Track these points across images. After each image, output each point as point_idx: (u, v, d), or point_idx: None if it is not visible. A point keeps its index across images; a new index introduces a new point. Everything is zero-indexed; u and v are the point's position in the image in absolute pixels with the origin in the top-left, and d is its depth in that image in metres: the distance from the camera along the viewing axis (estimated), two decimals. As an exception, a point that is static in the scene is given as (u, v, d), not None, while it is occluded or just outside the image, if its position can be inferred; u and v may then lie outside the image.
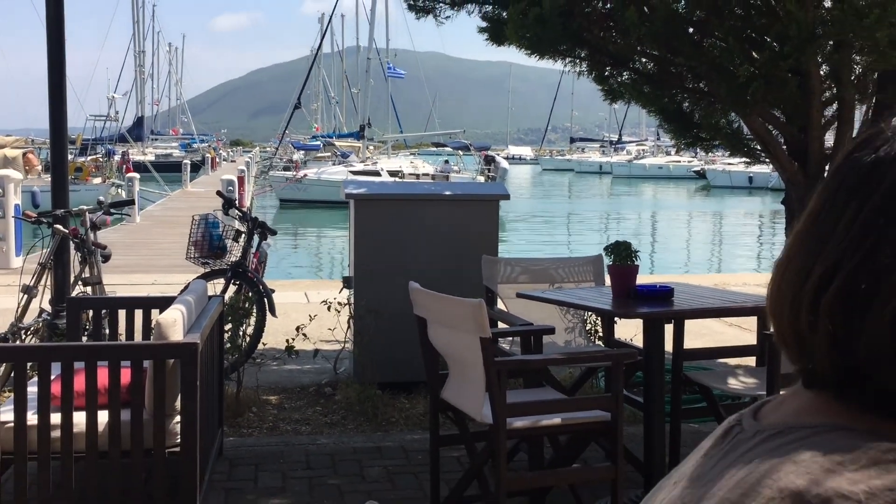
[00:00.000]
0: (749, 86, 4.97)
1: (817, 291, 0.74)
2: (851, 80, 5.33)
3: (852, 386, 0.74)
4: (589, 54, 5.77)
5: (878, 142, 0.77)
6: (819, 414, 0.75)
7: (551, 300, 4.13)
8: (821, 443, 0.71)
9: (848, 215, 0.74)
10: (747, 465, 0.73)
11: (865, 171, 0.75)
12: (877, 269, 0.70)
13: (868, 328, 0.70)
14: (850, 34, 4.87)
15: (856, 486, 0.65)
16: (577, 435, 3.57)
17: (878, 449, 0.68)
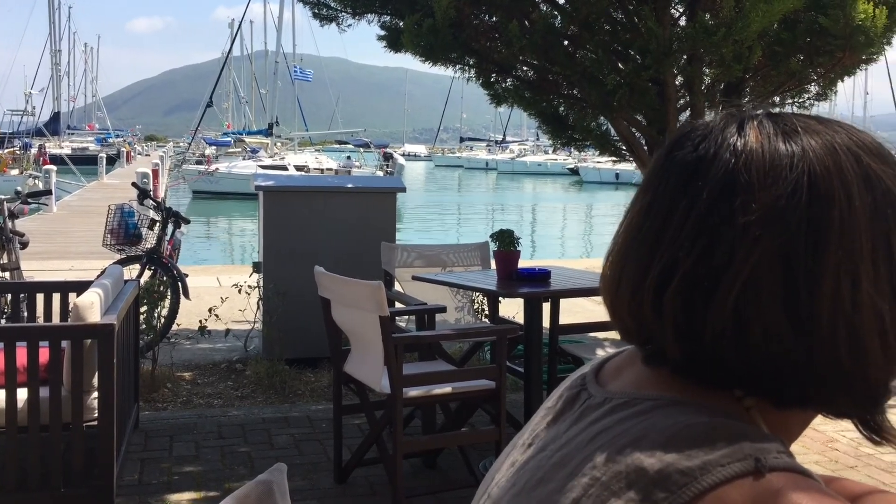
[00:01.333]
0: (615, 93, 5.09)
1: (659, 287, 0.72)
2: (702, 89, 5.52)
3: (691, 365, 0.73)
4: (476, 62, 5.80)
5: (697, 139, 0.74)
6: (659, 386, 0.75)
7: (443, 282, 4.15)
8: (661, 417, 0.70)
9: (679, 214, 0.72)
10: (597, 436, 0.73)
11: (689, 169, 0.73)
12: (714, 265, 0.69)
13: (711, 320, 0.69)
14: (701, 49, 5.03)
15: (690, 461, 0.65)
16: (466, 402, 3.60)
17: (712, 425, 0.68)
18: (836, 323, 0.68)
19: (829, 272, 0.68)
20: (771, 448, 0.67)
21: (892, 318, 0.70)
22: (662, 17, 5.10)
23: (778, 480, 0.63)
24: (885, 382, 0.72)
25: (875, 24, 4.65)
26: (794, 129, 0.73)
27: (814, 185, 0.69)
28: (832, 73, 5.30)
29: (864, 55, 5.03)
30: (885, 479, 3.69)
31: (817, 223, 0.68)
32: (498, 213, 31.38)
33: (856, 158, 0.71)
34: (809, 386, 0.71)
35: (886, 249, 0.70)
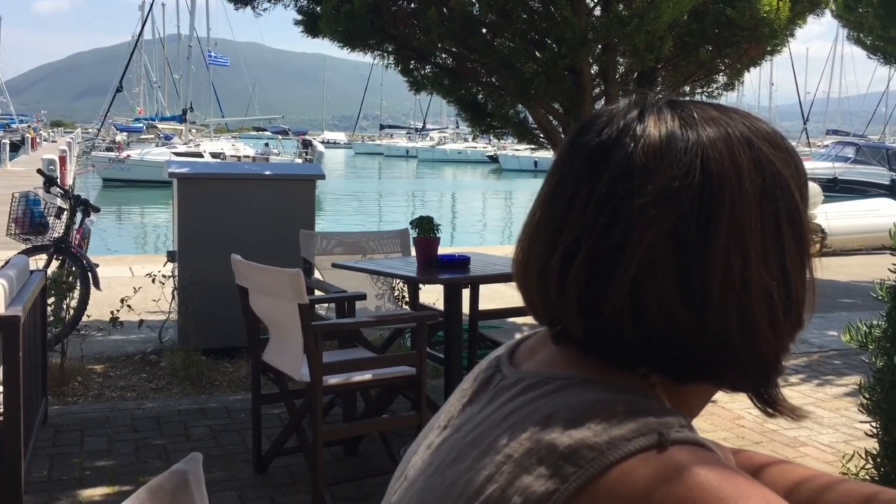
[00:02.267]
0: (533, 81, 5.14)
1: (563, 266, 0.74)
2: (616, 78, 5.63)
3: (596, 343, 0.75)
4: (395, 49, 5.78)
5: (600, 125, 0.77)
6: (568, 366, 0.77)
7: (363, 269, 4.14)
8: (571, 395, 0.72)
9: (582, 196, 0.74)
10: (509, 416, 0.74)
11: (592, 153, 0.75)
12: (613, 244, 0.71)
13: (611, 297, 0.72)
14: (615, 39, 5.13)
15: (598, 437, 0.67)
16: (387, 388, 3.61)
17: (618, 401, 0.70)
18: (727, 299, 0.71)
19: (719, 250, 0.71)
20: (673, 422, 0.69)
21: (779, 295, 0.73)
22: (577, 6, 5.18)
23: (679, 453, 0.66)
24: (774, 356, 0.76)
25: (779, 17, 4.83)
26: (691, 116, 0.75)
27: (706, 168, 0.72)
28: (739, 63, 5.48)
29: (768, 46, 5.22)
30: (788, 452, 3.86)
31: (709, 204, 0.71)
32: (419, 200, 31.39)
33: (748, 143, 0.74)
34: (704, 360, 0.74)
35: (775, 229, 0.73)
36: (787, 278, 0.74)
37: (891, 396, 3.29)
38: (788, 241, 0.74)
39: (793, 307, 0.75)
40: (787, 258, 0.74)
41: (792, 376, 5.14)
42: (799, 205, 0.76)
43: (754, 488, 0.67)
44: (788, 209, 0.75)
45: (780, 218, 0.74)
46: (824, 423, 4.27)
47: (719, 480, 0.65)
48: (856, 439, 3.82)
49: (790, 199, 0.75)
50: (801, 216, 0.76)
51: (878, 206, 11.47)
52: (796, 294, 0.75)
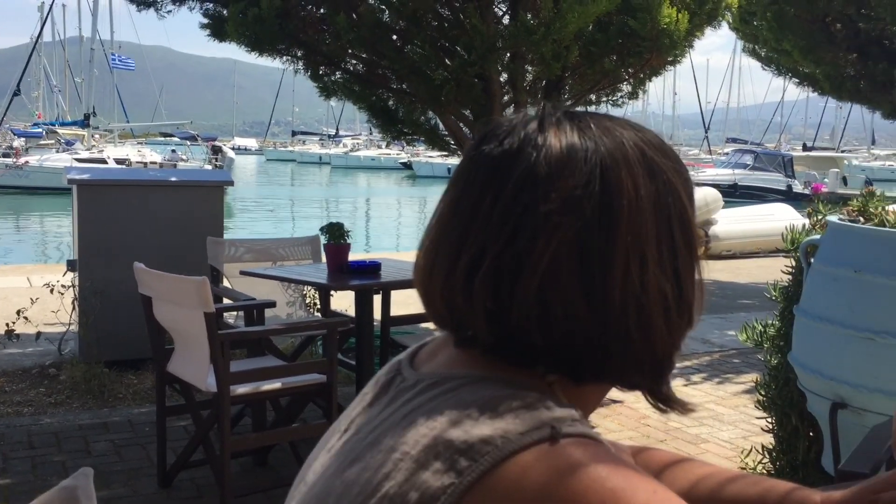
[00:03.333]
0: (443, 88, 5.18)
1: (469, 273, 0.75)
2: (524, 86, 5.72)
3: (502, 347, 0.77)
4: (305, 54, 5.72)
5: (502, 135, 0.78)
6: (468, 365, 0.78)
7: (272, 276, 4.08)
8: (469, 393, 0.74)
9: (486, 205, 0.75)
10: (408, 415, 0.75)
11: (495, 163, 0.77)
12: (519, 251, 0.73)
13: (518, 302, 0.74)
14: (523, 47, 5.22)
15: (495, 431, 0.69)
16: (297, 397, 3.56)
17: (514, 397, 0.72)
18: (627, 302, 0.74)
19: (619, 255, 0.74)
20: (566, 417, 0.72)
21: (674, 297, 0.76)
22: (486, 15, 5.24)
23: (571, 446, 0.69)
24: (668, 355, 0.79)
25: (678, 28, 5.01)
26: (588, 126, 0.78)
27: (606, 177, 0.75)
28: (642, 73, 5.65)
29: (669, 56, 5.40)
30: (691, 449, 3.99)
31: (609, 210, 0.74)
32: (333, 207, 31.15)
33: (641, 152, 0.77)
34: (604, 360, 0.76)
35: (668, 234, 0.76)
36: (679, 280, 0.77)
37: (784, 393, 3.44)
38: (680, 245, 0.77)
39: (685, 307, 0.78)
40: (680, 261, 0.77)
41: (694, 375, 5.31)
42: (688, 210, 0.79)
43: (642, 480, 0.69)
44: (679, 215, 0.78)
45: (673, 223, 0.77)
46: (724, 420, 4.42)
47: (608, 472, 0.67)
48: (753, 435, 3.98)
49: (681, 206, 0.78)
50: (690, 221, 0.79)
51: (773, 210, 11.97)
52: (687, 295, 0.78)
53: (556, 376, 0.78)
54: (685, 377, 5.25)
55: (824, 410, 3.03)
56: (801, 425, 3.36)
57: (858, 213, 3.35)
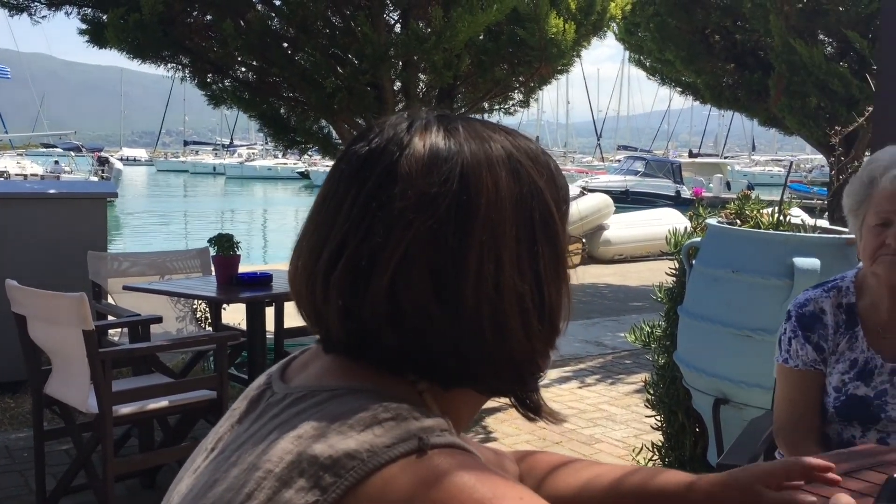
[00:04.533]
0: (335, 96, 5.14)
1: (328, 269, 0.75)
2: (418, 94, 5.74)
3: (362, 349, 0.76)
4: (191, 61, 5.57)
5: (372, 134, 0.79)
6: (338, 376, 0.77)
7: (157, 291, 3.94)
8: (336, 406, 0.73)
9: (349, 201, 0.76)
10: (273, 431, 0.73)
11: (361, 160, 0.78)
12: (373, 247, 0.73)
13: (370, 299, 0.73)
14: (415, 56, 5.24)
15: (361, 445, 0.68)
16: (187, 415, 3.45)
17: (382, 409, 0.71)
18: (480, 302, 0.74)
19: (473, 254, 0.74)
20: (434, 427, 0.71)
21: (533, 301, 0.77)
22: (377, 23, 5.24)
23: (438, 457, 0.68)
24: (529, 361, 0.79)
25: (565, 38, 5.13)
26: (456, 129, 0.79)
27: (465, 176, 0.75)
28: (532, 81, 5.76)
29: (558, 65, 5.53)
30: (585, 450, 4.08)
31: (465, 209, 0.74)
32: (228, 218, 30.44)
33: (507, 156, 0.78)
34: (459, 363, 0.76)
35: (530, 238, 0.77)
36: (540, 285, 0.77)
37: (671, 391, 3.56)
38: (543, 249, 0.78)
39: (546, 313, 0.78)
40: (541, 266, 0.77)
41: (588, 377, 5.44)
42: (555, 217, 0.80)
43: (509, 487, 0.69)
44: (544, 220, 0.78)
45: (536, 227, 0.77)
46: (617, 420, 4.54)
47: (475, 482, 0.67)
48: (644, 433, 4.10)
49: (546, 211, 0.79)
50: (556, 227, 0.80)
51: (661, 215, 12.42)
52: (550, 301, 0.79)
53: (426, 385, 0.77)
54: (580, 379, 5.36)
55: (708, 406, 3.15)
56: (688, 422, 3.48)
57: (735, 216, 3.51)
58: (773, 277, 2.96)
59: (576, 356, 6.00)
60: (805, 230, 3.27)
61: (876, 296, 1.79)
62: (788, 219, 3.42)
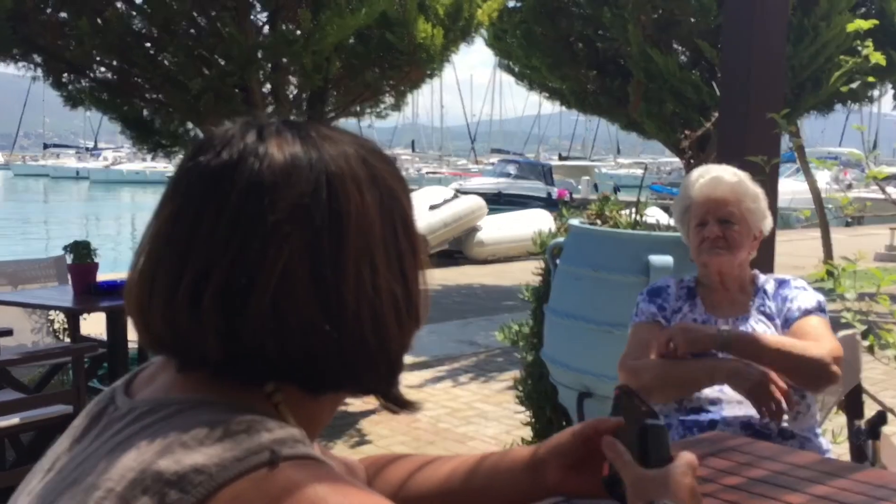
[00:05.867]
0: (201, 98, 4.98)
1: (195, 293, 0.72)
2: (288, 97, 5.65)
3: (234, 367, 0.73)
4: (45, 60, 5.27)
5: (218, 146, 0.75)
6: (187, 389, 0.74)
7: (7, 302, 3.70)
8: (184, 419, 0.70)
9: (209, 218, 0.72)
10: (116, 448, 0.70)
11: (215, 174, 0.74)
12: (249, 264, 0.71)
13: (251, 318, 0.71)
14: (283, 58, 5.16)
15: (208, 459, 0.66)
16: (42, 432, 3.25)
17: (232, 422, 0.69)
18: (361, 306, 0.74)
19: (351, 261, 0.74)
20: (287, 438, 0.70)
21: (403, 298, 0.78)
22: (244, 24, 5.11)
23: (290, 469, 0.67)
24: (401, 355, 0.80)
25: (434, 43, 5.17)
26: (309, 136, 0.77)
27: (332, 184, 0.74)
28: (402, 85, 5.77)
29: (428, 70, 5.57)
30: (459, 449, 4.11)
31: (338, 217, 0.74)
32: (92, 224, 29.02)
33: (363, 160, 0.78)
34: (342, 368, 0.75)
35: (394, 238, 0.78)
36: (407, 282, 0.79)
37: (539, 387, 3.64)
38: (405, 248, 0.79)
39: (413, 308, 0.80)
40: (406, 264, 0.79)
41: (461, 376, 5.49)
42: (410, 215, 0.81)
43: (363, 496, 0.69)
44: (403, 220, 0.79)
45: (398, 227, 0.78)
46: (489, 417, 4.61)
47: (328, 492, 0.66)
48: (515, 429, 4.17)
49: (403, 211, 0.80)
50: (412, 226, 0.81)
51: (532, 216, 12.74)
52: (415, 296, 0.80)
53: (284, 394, 0.76)
54: (453, 379, 5.41)
55: (573, 401, 3.24)
56: (555, 417, 3.57)
57: (596, 217, 3.63)
58: (631, 275, 3.08)
59: (450, 356, 6.05)
60: (659, 229, 3.42)
61: (708, 281, 2.15)
62: (645, 219, 3.57)
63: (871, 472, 1.51)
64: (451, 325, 7.14)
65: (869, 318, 3.06)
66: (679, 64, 7.21)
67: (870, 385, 4.41)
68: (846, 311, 2.93)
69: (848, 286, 2.94)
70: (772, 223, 2.22)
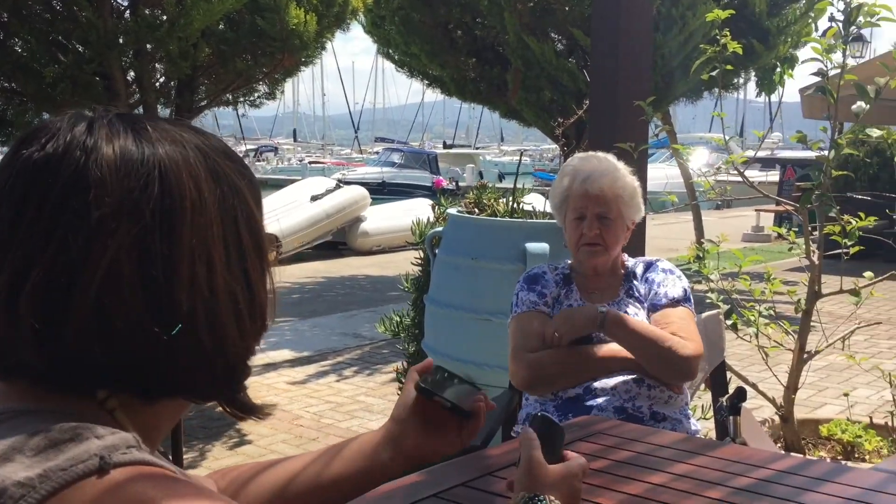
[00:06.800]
0: (57, 86, 4.72)
1: (11, 293, 0.68)
2: (154, 85, 5.43)
3: (57, 373, 0.70)
4: None
5: (44, 138, 0.73)
6: (12, 398, 0.71)
7: None
8: (5, 431, 0.66)
9: (29, 213, 0.69)
10: None
11: (39, 167, 0.71)
12: (70, 262, 0.68)
13: (73, 319, 0.68)
14: (147, 44, 4.94)
15: (31, 470, 0.63)
16: None
17: (57, 430, 0.66)
18: (196, 307, 0.71)
19: (184, 259, 0.71)
20: (119, 444, 0.67)
21: (245, 300, 0.76)
22: (102, 8, 4.86)
23: (122, 475, 0.64)
24: (242, 360, 0.78)
25: (307, 29, 5.08)
26: (145, 129, 0.75)
27: (165, 179, 0.72)
28: (276, 73, 5.64)
29: (301, 57, 5.47)
30: (343, 443, 4.08)
31: (170, 213, 0.71)
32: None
33: (204, 155, 0.76)
34: (176, 373, 0.73)
35: (236, 237, 0.76)
36: (250, 283, 0.77)
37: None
38: (248, 247, 0.77)
39: (257, 311, 0.78)
40: (249, 264, 0.77)
41: (346, 370, 5.46)
42: (255, 214, 0.79)
43: (200, 498, 0.66)
44: (247, 218, 0.77)
45: (240, 226, 0.76)
46: (374, 411, 4.59)
47: (163, 495, 0.64)
48: (400, 421, 4.17)
49: (247, 209, 0.78)
50: (258, 225, 0.79)
51: (415, 206, 12.75)
52: (260, 298, 0.78)
53: (118, 401, 0.72)
54: (337, 373, 5.36)
55: (454, 390, 3.26)
56: (438, 406, 3.59)
57: (474, 205, 3.66)
58: (508, 262, 3.12)
59: (334, 349, 6.00)
60: (536, 216, 3.48)
61: (582, 269, 2.25)
62: (522, 206, 3.62)
63: (729, 448, 1.58)
64: (335, 317, 7.08)
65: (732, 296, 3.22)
66: (555, 52, 7.36)
67: (737, 361, 4.67)
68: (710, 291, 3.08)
69: (712, 267, 3.09)
70: (643, 212, 2.30)
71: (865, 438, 3.41)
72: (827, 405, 4.59)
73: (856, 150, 12.16)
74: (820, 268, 3.14)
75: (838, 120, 3.06)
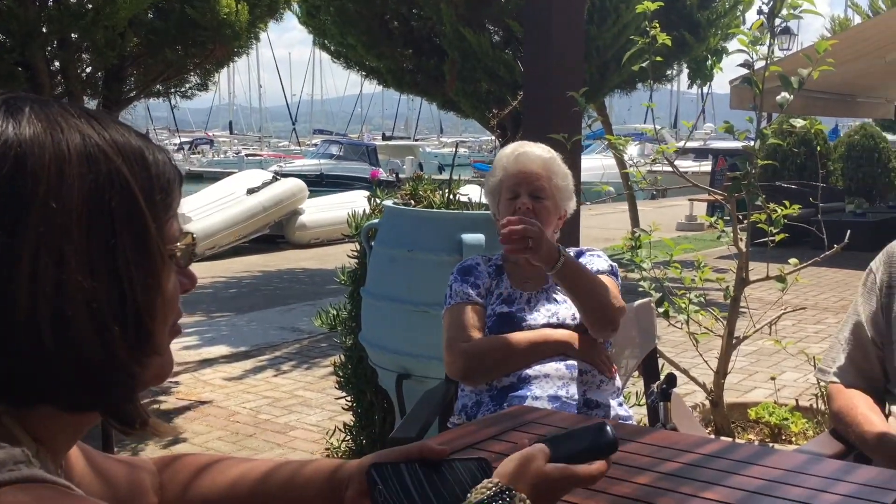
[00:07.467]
0: (-25, 77, 4.56)
1: None
2: (80, 76, 5.27)
3: None
4: None
5: None
6: None
7: None
8: None
9: None
10: None
11: None
12: None
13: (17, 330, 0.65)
14: (72, 34, 4.80)
15: None
16: None
17: None
18: (38, 304, 0.66)
19: (28, 251, 0.66)
20: (7, 461, 0.63)
21: (110, 301, 0.69)
22: (24, -4, 4.71)
23: (8, 494, 0.61)
24: (112, 370, 0.71)
25: (239, 19, 4.99)
26: (20, 110, 0.70)
27: (19, 162, 0.67)
28: (207, 63, 5.54)
29: (234, 48, 5.38)
30: (280, 439, 4.03)
31: (18, 198, 0.66)
32: None
33: (84, 142, 0.70)
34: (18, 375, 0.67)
35: (106, 230, 0.70)
36: (120, 284, 0.70)
37: (359, 371, 3.62)
38: (126, 244, 0.71)
39: (132, 317, 0.71)
40: (121, 262, 0.70)
41: (283, 364, 5.40)
42: (143, 208, 0.73)
43: None
44: (128, 212, 0.71)
45: (115, 219, 0.70)
46: (311, 405, 4.55)
47: None
48: (338, 415, 4.14)
49: (131, 202, 0.72)
50: (144, 220, 0.73)
51: (354, 198, 12.65)
52: (137, 301, 0.71)
53: (5, 407, 0.68)
54: (275, 367, 5.30)
55: (392, 383, 3.25)
56: (376, 400, 3.57)
57: (410, 197, 3.64)
58: (445, 254, 3.11)
59: (271, 344, 5.93)
60: (472, 207, 3.48)
61: (514, 258, 2.22)
62: (458, 197, 3.62)
63: (659, 433, 1.61)
64: (273, 311, 6.99)
65: (664, 285, 3.28)
66: (492, 43, 7.38)
67: (669, 348, 4.76)
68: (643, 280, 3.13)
69: (644, 256, 3.14)
70: (576, 204, 2.32)
71: (792, 421, 3.51)
72: (756, 389, 4.71)
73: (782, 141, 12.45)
74: (747, 255, 3.22)
75: (764, 111, 3.13)
